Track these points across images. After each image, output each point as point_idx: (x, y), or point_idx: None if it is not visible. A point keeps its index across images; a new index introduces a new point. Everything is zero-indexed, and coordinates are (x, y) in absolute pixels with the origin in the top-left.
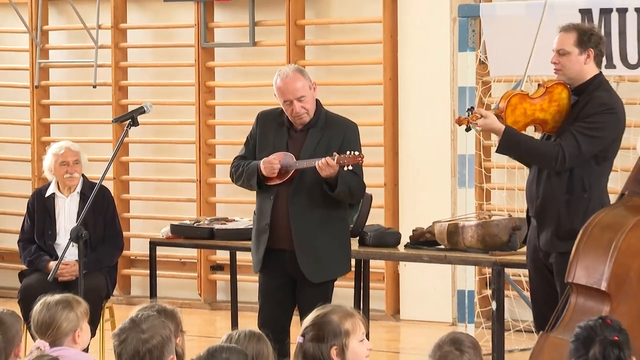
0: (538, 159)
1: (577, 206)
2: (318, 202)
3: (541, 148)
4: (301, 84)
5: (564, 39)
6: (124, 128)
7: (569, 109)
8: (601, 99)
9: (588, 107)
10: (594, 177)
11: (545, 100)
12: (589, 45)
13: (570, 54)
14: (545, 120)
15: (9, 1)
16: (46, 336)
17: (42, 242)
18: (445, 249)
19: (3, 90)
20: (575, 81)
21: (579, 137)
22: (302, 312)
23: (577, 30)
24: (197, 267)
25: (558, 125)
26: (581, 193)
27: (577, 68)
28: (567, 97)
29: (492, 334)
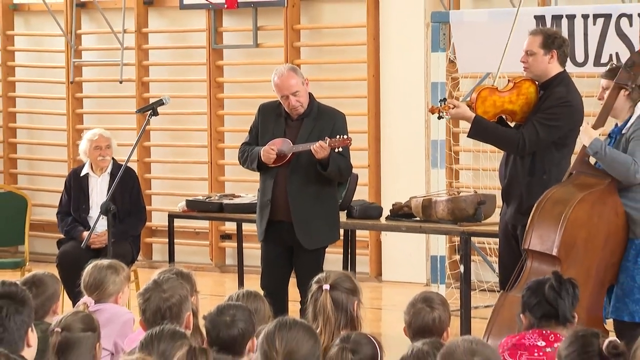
0: (502, 144)
1: (538, 186)
2: (312, 180)
3: (505, 134)
4: (295, 81)
5: (532, 41)
6: (146, 117)
7: (537, 101)
8: (560, 93)
9: (548, 101)
10: (553, 161)
11: (513, 93)
12: (553, 47)
13: (536, 54)
14: (514, 111)
15: (47, 9)
16: (94, 295)
17: (77, 214)
18: (420, 220)
19: (43, 85)
20: (541, 78)
21: (538, 126)
22: (298, 275)
23: (543, 34)
24: (208, 236)
25: (526, 115)
26: (541, 175)
27: (543, 67)
28: (535, 91)
29: (460, 293)
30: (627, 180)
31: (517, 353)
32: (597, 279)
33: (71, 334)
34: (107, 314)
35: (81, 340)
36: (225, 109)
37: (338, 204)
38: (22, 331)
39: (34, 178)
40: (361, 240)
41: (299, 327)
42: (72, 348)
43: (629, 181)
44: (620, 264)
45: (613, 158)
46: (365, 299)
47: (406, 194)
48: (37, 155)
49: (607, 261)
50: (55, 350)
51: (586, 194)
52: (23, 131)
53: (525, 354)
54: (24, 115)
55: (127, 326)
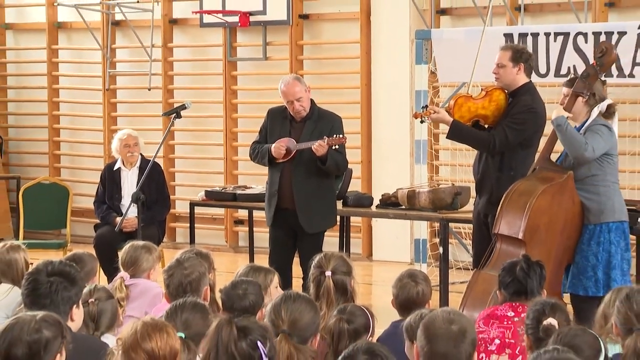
0: (476, 144)
1: (506, 181)
2: (313, 174)
3: (479, 136)
4: (299, 89)
5: (502, 55)
6: (170, 120)
7: (506, 107)
8: (526, 101)
9: (516, 107)
10: (519, 159)
11: (485, 100)
12: (521, 60)
13: (506, 67)
14: (486, 115)
15: (87, 27)
16: (129, 270)
17: (111, 203)
18: (406, 208)
19: (83, 92)
20: (510, 87)
21: (507, 129)
22: (301, 255)
23: (512, 49)
24: (224, 221)
25: (497, 120)
26: (509, 171)
27: (511, 77)
28: (505, 98)
29: (439, 271)
30: (578, 155)
31: (490, 322)
32: (556, 259)
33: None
34: (140, 288)
35: (107, 307)
36: (238, 112)
37: (335, 194)
38: (67, 306)
39: (74, 171)
40: (355, 225)
41: (301, 299)
42: (101, 314)
43: (579, 156)
44: (576, 246)
45: (572, 135)
46: (358, 275)
47: (393, 186)
48: (77, 152)
49: (565, 244)
50: (91, 317)
51: (547, 186)
52: (65, 131)
53: (497, 323)
54: (67, 118)
55: (156, 298)
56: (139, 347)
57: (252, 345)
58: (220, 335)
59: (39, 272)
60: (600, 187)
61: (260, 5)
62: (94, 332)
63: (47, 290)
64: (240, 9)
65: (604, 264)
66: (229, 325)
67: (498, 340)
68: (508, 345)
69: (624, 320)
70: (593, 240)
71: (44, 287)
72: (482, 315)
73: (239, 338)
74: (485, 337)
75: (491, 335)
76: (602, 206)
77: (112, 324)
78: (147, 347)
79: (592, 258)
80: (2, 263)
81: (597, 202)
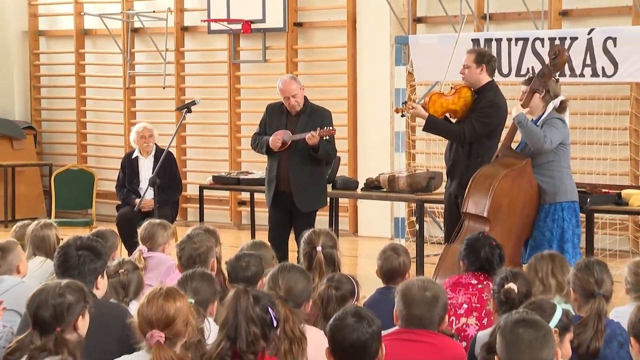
0: (449, 135)
1: (474, 167)
2: (306, 161)
3: (450, 128)
4: (294, 87)
5: (468, 58)
6: (182, 114)
7: (473, 103)
8: (490, 97)
9: (481, 103)
10: (485, 148)
11: (455, 97)
12: (483, 62)
13: (471, 68)
14: (455, 110)
15: (109, 34)
16: (147, 244)
17: (130, 186)
18: (386, 191)
19: (106, 90)
20: (475, 85)
21: (475, 122)
22: (296, 231)
23: (476, 52)
24: (229, 202)
25: (465, 114)
26: (476, 159)
27: (476, 77)
28: (471, 95)
29: (416, 245)
30: (538, 147)
31: (456, 289)
32: (516, 235)
33: (129, 274)
34: (156, 260)
35: (134, 277)
36: (241, 108)
37: (326, 179)
38: (93, 277)
39: (99, 159)
40: (343, 205)
41: (295, 270)
42: (129, 283)
43: (539, 147)
44: (533, 223)
45: (531, 129)
46: (345, 249)
47: (376, 171)
48: (101, 142)
49: (524, 221)
50: (121, 286)
51: (509, 170)
52: (91, 124)
53: (462, 289)
54: (92, 113)
55: (170, 269)
56: (142, 311)
57: (264, 309)
58: (239, 302)
59: (69, 246)
60: (555, 172)
61: (260, 14)
62: (123, 298)
63: (76, 262)
64: (243, 18)
65: (558, 238)
66: (246, 294)
67: (466, 305)
68: (475, 309)
69: (585, 287)
70: (548, 218)
71: (73, 260)
72: (448, 283)
73: (254, 304)
74: (454, 302)
75: (459, 300)
76: (557, 188)
77: (138, 291)
78: (146, 313)
79: (547, 233)
80: (37, 238)
81: (552, 184)
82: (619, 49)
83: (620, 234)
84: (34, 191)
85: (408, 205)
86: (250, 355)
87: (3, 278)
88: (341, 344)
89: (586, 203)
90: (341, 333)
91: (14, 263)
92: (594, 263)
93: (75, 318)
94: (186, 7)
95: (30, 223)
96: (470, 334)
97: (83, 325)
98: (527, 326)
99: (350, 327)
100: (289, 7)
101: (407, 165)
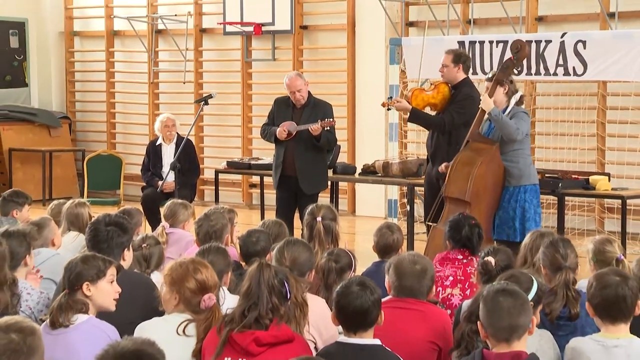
0: (431, 126)
1: (453, 153)
2: (310, 148)
3: (432, 119)
4: (299, 82)
5: (446, 58)
6: (200, 106)
7: (450, 97)
8: (466, 92)
9: (458, 97)
10: (462, 136)
11: (434, 92)
12: (460, 61)
13: (449, 66)
14: (435, 104)
15: (136, 34)
16: (169, 221)
17: (154, 170)
18: (381, 176)
19: (133, 84)
20: (452, 82)
21: (454, 113)
22: (300, 212)
23: (453, 53)
24: (241, 185)
25: (443, 107)
26: (455, 145)
27: (453, 75)
28: (449, 90)
29: (407, 224)
30: (512, 138)
31: (444, 263)
32: (489, 213)
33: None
34: (176, 236)
35: (155, 251)
36: (252, 101)
37: (327, 164)
38: (120, 249)
39: (126, 145)
40: (342, 188)
41: (300, 244)
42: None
43: (512, 138)
44: (499, 202)
45: (505, 121)
46: (344, 227)
47: (372, 158)
48: (128, 130)
49: (495, 200)
50: (144, 258)
51: (483, 157)
52: (119, 114)
53: (449, 264)
54: (120, 104)
55: (189, 244)
56: (193, 278)
57: (281, 282)
58: (262, 273)
59: (98, 223)
60: (520, 159)
61: (270, 18)
62: (145, 269)
63: (105, 237)
64: (255, 21)
65: (520, 217)
66: (268, 267)
67: (451, 278)
68: (459, 281)
69: (552, 261)
70: (512, 199)
71: (102, 234)
72: (437, 258)
73: (275, 276)
74: (442, 275)
75: (446, 273)
76: (522, 172)
77: (160, 263)
78: (199, 278)
79: (511, 212)
80: (71, 215)
81: (518, 169)
82: (588, 51)
83: (587, 215)
84: (69, 174)
85: (400, 189)
86: (267, 320)
87: (40, 250)
88: (346, 309)
89: (558, 187)
90: (346, 299)
91: (49, 237)
92: (559, 240)
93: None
94: (204, 11)
95: (65, 202)
96: (454, 303)
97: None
98: (506, 295)
99: (354, 294)
100: (296, 11)
101: (399, 153)
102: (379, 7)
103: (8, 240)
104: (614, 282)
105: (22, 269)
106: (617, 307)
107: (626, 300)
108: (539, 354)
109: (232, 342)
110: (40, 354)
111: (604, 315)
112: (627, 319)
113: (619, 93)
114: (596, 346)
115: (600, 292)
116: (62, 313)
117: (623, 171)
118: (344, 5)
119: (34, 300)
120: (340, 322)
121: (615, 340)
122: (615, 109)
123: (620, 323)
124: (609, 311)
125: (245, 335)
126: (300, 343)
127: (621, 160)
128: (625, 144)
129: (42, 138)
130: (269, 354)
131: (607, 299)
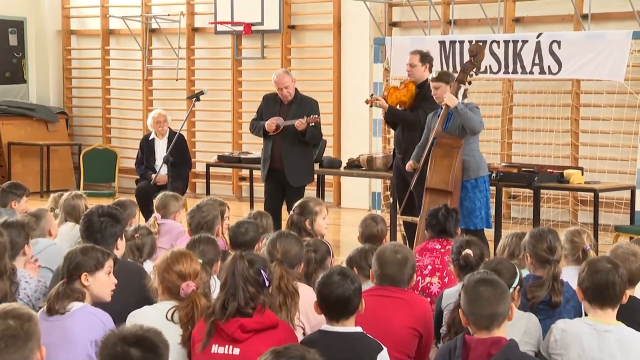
0: (406, 122)
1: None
2: (296, 143)
3: (407, 116)
4: (287, 79)
5: (413, 58)
6: (192, 102)
7: (416, 95)
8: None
9: (428, 94)
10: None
11: (404, 90)
12: (427, 61)
13: (416, 66)
14: (405, 101)
15: (130, 33)
16: (160, 212)
17: (147, 164)
18: (365, 169)
19: (127, 81)
20: (419, 80)
21: (426, 109)
22: (287, 203)
23: (419, 53)
24: (232, 178)
25: (411, 104)
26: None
27: (420, 73)
28: (415, 89)
29: (390, 216)
30: (476, 130)
31: (423, 253)
32: (458, 203)
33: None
34: (167, 226)
35: (147, 241)
36: (242, 97)
37: (313, 158)
38: (113, 239)
39: (121, 140)
40: (328, 181)
41: (291, 236)
42: (144, 246)
43: (477, 130)
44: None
45: (470, 115)
46: (330, 219)
47: (356, 152)
48: (123, 125)
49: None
50: (136, 248)
51: (456, 150)
52: (114, 110)
53: (428, 254)
54: (115, 100)
55: (180, 235)
56: (171, 269)
57: (257, 272)
58: (235, 266)
59: (92, 214)
60: (475, 152)
61: (260, 18)
62: (138, 258)
63: (99, 227)
64: (245, 21)
65: (485, 206)
66: (242, 259)
67: (430, 267)
68: (438, 270)
69: (539, 254)
70: (476, 190)
71: (96, 225)
72: (417, 249)
73: (249, 267)
74: (421, 264)
75: (425, 262)
76: (478, 164)
77: (152, 253)
78: (177, 269)
79: (477, 202)
80: (68, 207)
81: (475, 161)
82: (562, 50)
83: (562, 207)
84: (66, 167)
85: (383, 182)
86: (249, 309)
87: (38, 240)
88: (328, 298)
89: (534, 181)
90: (328, 288)
91: (45, 227)
92: (547, 232)
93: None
94: (196, 11)
95: (62, 194)
96: (433, 291)
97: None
98: (486, 285)
99: (335, 283)
100: (284, 12)
101: (383, 148)
102: (363, 8)
103: (7, 230)
104: (605, 269)
105: (20, 258)
106: (607, 293)
107: (615, 286)
108: (526, 334)
109: (219, 330)
110: (37, 339)
111: (592, 299)
112: (614, 305)
113: (592, 91)
114: (588, 329)
115: (591, 277)
116: (59, 301)
117: (595, 165)
118: (330, 6)
119: (31, 289)
120: (322, 311)
121: (607, 326)
122: (588, 106)
123: (608, 308)
124: (598, 296)
125: (231, 323)
126: (284, 328)
127: (594, 155)
128: (598, 140)
129: (40, 132)
130: (255, 340)
131: (598, 284)
